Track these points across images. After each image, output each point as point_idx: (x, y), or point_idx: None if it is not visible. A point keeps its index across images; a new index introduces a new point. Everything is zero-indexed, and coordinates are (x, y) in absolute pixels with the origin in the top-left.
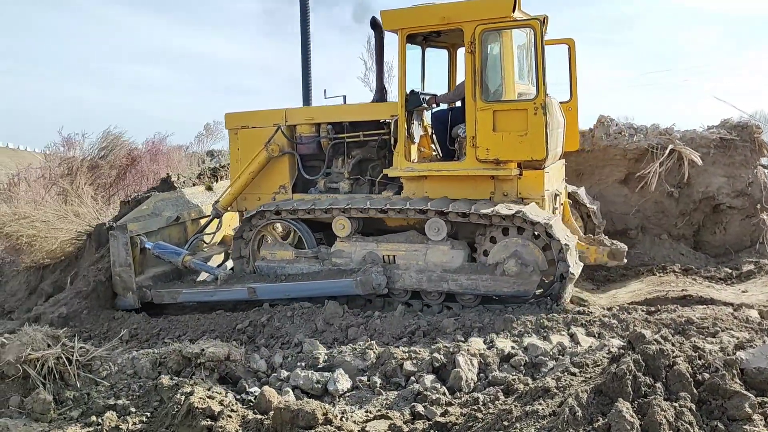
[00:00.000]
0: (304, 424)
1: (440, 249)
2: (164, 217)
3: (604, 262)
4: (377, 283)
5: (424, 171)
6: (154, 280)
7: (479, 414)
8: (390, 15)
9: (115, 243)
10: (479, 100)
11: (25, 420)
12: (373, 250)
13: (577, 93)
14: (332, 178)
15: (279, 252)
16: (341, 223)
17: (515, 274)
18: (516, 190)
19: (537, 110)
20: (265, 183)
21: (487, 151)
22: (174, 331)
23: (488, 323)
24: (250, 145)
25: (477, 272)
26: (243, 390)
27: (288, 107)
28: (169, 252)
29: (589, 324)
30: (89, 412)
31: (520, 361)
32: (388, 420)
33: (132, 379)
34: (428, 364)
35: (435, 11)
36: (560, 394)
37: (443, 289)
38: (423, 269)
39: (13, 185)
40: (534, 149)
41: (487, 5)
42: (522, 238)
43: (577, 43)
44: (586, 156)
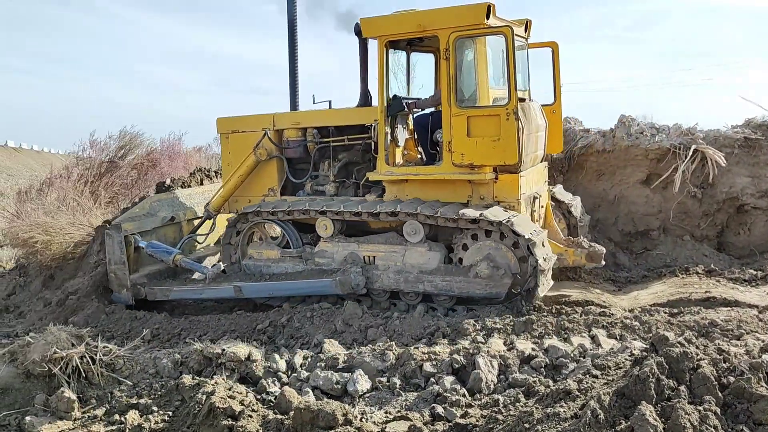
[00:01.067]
0: (324, 425)
1: (418, 251)
2: (159, 217)
3: (583, 264)
4: (355, 284)
5: (404, 175)
6: (149, 277)
7: (500, 416)
8: (369, 23)
9: (110, 242)
10: (454, 106)
11: (50, 418)
12: (354, 250)
13: (560, 96)
14: (319, 181)
15: (265, 251)
16: (324, 224)
17: (487, 276)
18: (492, 193)
19: (509, 116)
20: (255, 186)
21: (462, 155)
22: (195, 331)
23: (508, 324)
24: (240, 149)
25: (452, 274)
26: (263, 390)
27: (276, 112)
28: (161, 251)
29: (611, 326)
30: (112, 410)
31: (540, 362)
32: (408, 421)
33: (154, 379)
34: (448, 366)
35: (412, 19)
36: (582, 397)
37: (419, 290)
38: (401, 270)
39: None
40: (507, 154)
41: (462, 13)
42: (494, 240)
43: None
44: (607, 156)
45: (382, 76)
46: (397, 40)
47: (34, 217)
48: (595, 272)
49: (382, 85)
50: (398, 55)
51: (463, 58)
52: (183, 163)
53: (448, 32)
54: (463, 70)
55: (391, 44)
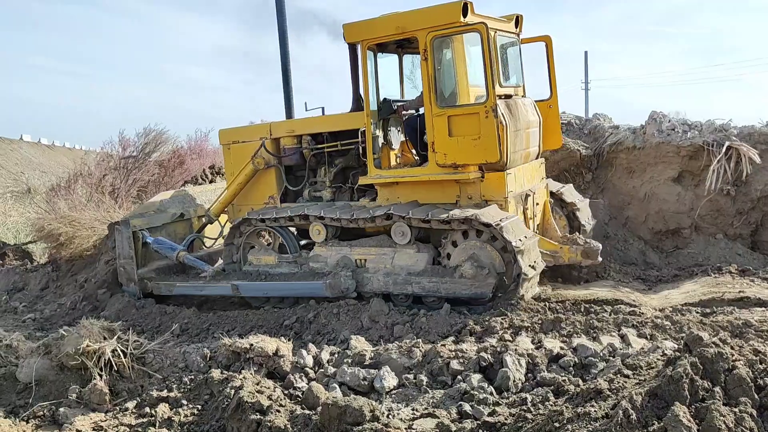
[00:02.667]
0: (351, 421)
1: (407, 252)
2: (169, 214)
3: (578, 262)
4: (345, 287)
5: (393, 177)
6: (158, 272)
7: (529, 414)
8: (350, 28)
9: (119, 237)
10: (435, 106)
11: (83, 410)
12: (346, 254)
13: (556, 90)
14: (316, 187)
15: (263, 257)
16: (317, 229)
17: (471, 276)
18: (479, 192)
19: (488, 113)
20: (257, 194)
21: (445, 155)
22: (223, 326)
23: (536, 322)
24: (241, 159)
25: (438, 275)
26: (291, 385)
27: (272, 121)
28: (166, 247)
29: (641, 325)
30: (143, 403)
31: (569, 361)
32: (435, 418)
33: (183, 373)
34: (475, 363)
35: (391, 21)
36: (613, 396)
37: (408, 291)
38: (390, 272)
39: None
40: (488, 152)
41: (438, 12)
42: (480, 240)
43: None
44: (637, 153)
45: (366, 80)
46: (385, 43)
47: (61, 211)
48: (624, 271)
49: (367, 88)
50: (390, 58)
51: (442, 58)
52: (210, 160)
53: (426, 32)
54: (443, 69)
55: (381, 47)
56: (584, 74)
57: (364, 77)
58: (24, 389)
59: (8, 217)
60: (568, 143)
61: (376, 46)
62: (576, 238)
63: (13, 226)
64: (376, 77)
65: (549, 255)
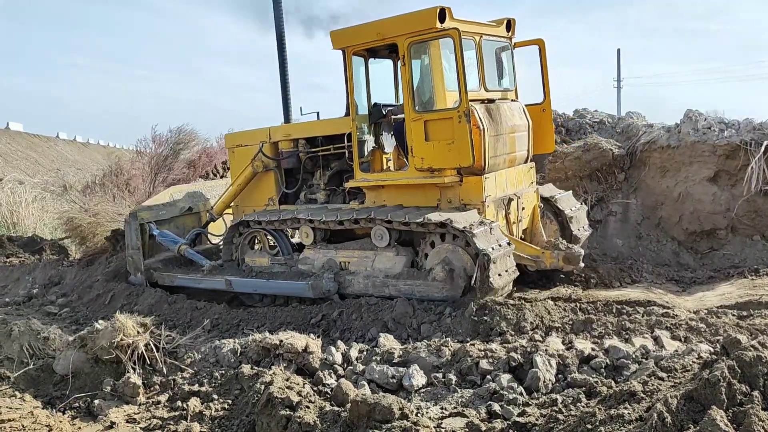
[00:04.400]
0: (380, 418)
1: (386, 255)
2: (177, 207)
3: (560, 267)
4: (327, 289)
5: (378, 181)
6: (164, 263)
7: (560, 415)
8: (336, 35)
9: (128, 229)
10: (412, 111)
11: (116, 402)
12: (332, 257)
13: (549, 93)
14: (312, 189)
15: (258, 258)
16: (305, 232)
17: (442, 279)
18: (458, 196)
19: (461, 118)
20: (258, 196)
21: (422, 160)
22: (253, 322)
23: (567, 323)
24: (244, 162)
25: (413, 278)
26: (320, 381)
27: (271, 126)
28: (169, 240)
29: (675, 327)
30: (175, 397)
31: (600, 363)
32: (465, 418)
33: (214, 367)
34: (505, 363)
35: (372, 28)
36: (647, 399)
37: (385, 294)
38: (369, 275)
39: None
40: (461, 157)
41: (415, 18)
42: (452, 244)
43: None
44: (671, 152)
45: (352, 85)
46: (376, 48)
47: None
48: (657, 272)
49: (353, 93)
50: (385, 63)
51: (420, 63)
52: None
53: (404, 38)
54: (420, 74)
55: (373, 53)
56: (617, 72)
57: (349, 82)
58: (60, 381)
59: (45, 213)
60: (600, 142)
61: (366, 52)
62: (558, 243)
63: (50, 222)
64: (367, 82)
65: (531, 260)
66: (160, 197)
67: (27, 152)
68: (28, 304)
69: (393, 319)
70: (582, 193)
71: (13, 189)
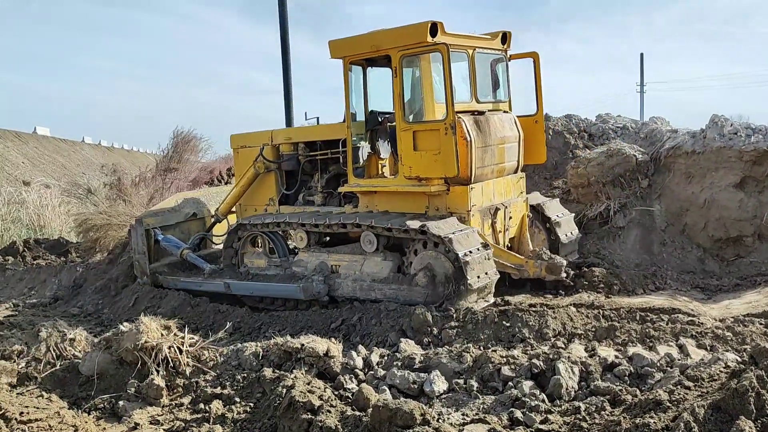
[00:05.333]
0: (402, 424)
1: (374, 260)
2: (183, 213)
3: (543, 276)
4: (317, 291)
5: (369, 187)
6: (169, 267)
7: (584, 423)
8: (333, 45)
9: (134, 233)
10: (402, 122)
11: (140, 403)
12: (324, 260)
13: (542, 105)
14: (310, 191)
15: (256, 260)
16: (300, 235)
17: (424, 285)
18: (445, 204)
19: (447, 130)
20: (259, 196)
21: (410, 168)
22: (275, 325)
23: (590, 330)
24: (247, 163)
25: (398, 282)
26: (341, 386)
27: (274, 129)
28: (172, 245)
29: (700, 335)
30: (197, 399)
31: (624, 371)
32: (486, 424)
33: (236, 370)
34: (527, 370)
35: (367, 40)
36: (673, 408)
37: (372, 297)
38: (357, 278)
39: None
40: (447, 167)
41: (408, 32)
42: (435, 251)
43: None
44: (696, 158)
45: (348, 93)
46: (375, 58)
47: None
48: (681, 279)
49: (348, 101)
50: (385, 71)
51: (411, 75)
52: None
53: (396, 51)
54: (411, 86)
55: (371, 62)
56: (640, 76)
57: (345, 90)
58: (86, 382)
59: (71, 217)
60: (624, 148)
61: (365, 61)
62: (541, 253)
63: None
64: (365, 90)
65: (515, 268)
66: (166, 203)
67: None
68: (54, 306)
69: (411, 327)
70: (605, 199)
71: (40, 192)
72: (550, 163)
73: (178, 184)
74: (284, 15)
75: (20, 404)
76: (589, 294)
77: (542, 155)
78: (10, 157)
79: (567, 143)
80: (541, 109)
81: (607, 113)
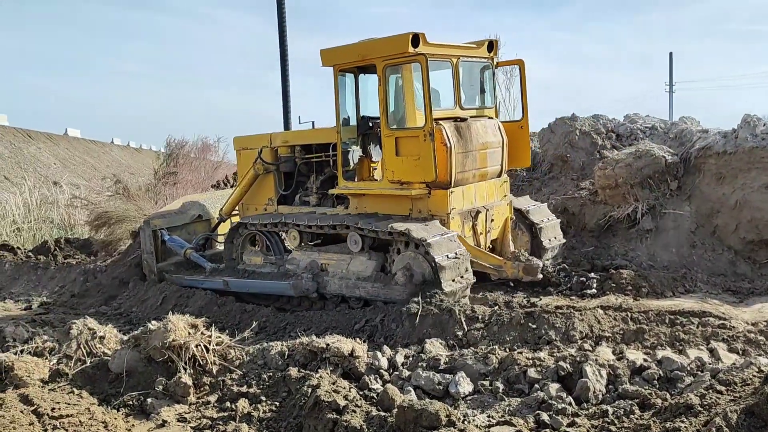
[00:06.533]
0: (427, 424)
1: (359, 259)
2: (189, 215)
3: (520, 277)
4: (306, 288)
5: (357, 189)
6: (176, 266)
7: (612, 427)
8: (324, 53)
9: (142, 234)
10: (386, 128)
11: (168, 401)
12: (315, 259)
13: (528, 111)
14: (306, 192)
15: (253, 258)
16: (293, 235)
17: (403, 283)
18: (427, 207)
19: (426, 137)
20: (259, 196)
21: (393, 173)
22: (299, 325)
23: (618, 332)
24: (249, 164)
25: (380, 281)
26: (365, 386)
27: (273, 132)
28: (177, 245)
29: (732, 339)
30: (224, 397)
31: (653, 374)
32: (512, 427)
33: (262, 369)
34: (553, 372)
35: (356, 50)
36: (705, 413)
37: (356, 294)
38: (344, 277)
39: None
40: (426, 172)
41: (391, 43)
42: (415, 252)
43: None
44: (728, 158)
45: (338, 99)
46: (365, 66)
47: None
48: (712, 282)
49: (338, 107)
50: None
51: (395, 83)
52: None
53: (381, 60)
54: (394, 94)
55: (363, 69)
56: (669, 76)
57: (335, 96)
58: (115, 379)
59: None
60: (653, 149)
61: (356, 68)
62: (519, 255)
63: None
64: (356, 96)
65: (494, 269)
66: (172, 206)
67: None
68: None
69: (432, 327)
70: (632, 201)
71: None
72: (577, 164)
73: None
74: (282, 21)
75: (52, 400)
76: (616, 296)
77: (527, 160)
78: (42, 158)
79: (594, 143)
80: (526, 115)
81: (636, 113)
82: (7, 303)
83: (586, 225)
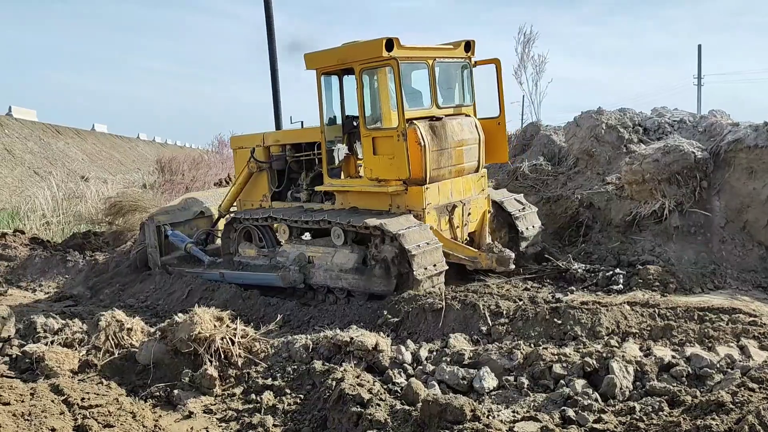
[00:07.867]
0: (452, 419)
1: (342, 252)
2: (191, 211)
3: (494, 268)
4: (293, 279)
5: (341, 186)
6: (179, 259)
7: (641, 424)
8: (308, 57)
9: (147, 229)
10: (363, 128)
11: (194, 393)
12: (303, 251)
13: (504, 108)
14: (297, 189)
15: (247, 250)
16: (283, 229)
17: (380, 275)
18: (404, 203)
19: (399, 137)
20: (255, 192)
21: (371, 171)
22: (323, 319)
23: (645, 329)
24: (244, 162)
25: (360, 273)
26: (390, 380)
27: (265, 131)
28: (178, 239)
29: (763, 336)
30: (249, 390)
31: (681, 371)
32: (538, 422)
33: (287, 362)
34: (579, 368)
35: (335, 54)
36: (737, 410)
37: (339, 285)
38: (328, 268)
39: None
40: (400, 170)
41: (367, 47)
42: (391, 245)
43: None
44: (759, 152)
45: (321, 101)
46: (347, 69)
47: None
48: (742, 278)
49: (321, 108)
50: None
51: (372, 86)
52: None
53: (358, 64)
54: (371, 96)
55: (347, 71)
56: (697, 69)
57: (318, 98)
58: (143, 370)
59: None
60: (682, 144)
61: (340, 71)
62: (492, 246)
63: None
64: (341, 97)
65: (469, 260)
66: (175, 203)
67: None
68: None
69: (456, 322)
70: (660, 197)
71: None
72: (603, 158)
73: None
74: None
75: (81, 390)
76: (643, 292)
77: (504, 155)
78: (71, 153)
79: (621, 138)
80: (503, 112)
81: (663, 106)
82: (37, 293)
83: (611, 220)
